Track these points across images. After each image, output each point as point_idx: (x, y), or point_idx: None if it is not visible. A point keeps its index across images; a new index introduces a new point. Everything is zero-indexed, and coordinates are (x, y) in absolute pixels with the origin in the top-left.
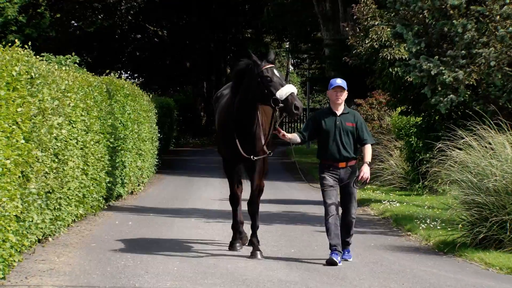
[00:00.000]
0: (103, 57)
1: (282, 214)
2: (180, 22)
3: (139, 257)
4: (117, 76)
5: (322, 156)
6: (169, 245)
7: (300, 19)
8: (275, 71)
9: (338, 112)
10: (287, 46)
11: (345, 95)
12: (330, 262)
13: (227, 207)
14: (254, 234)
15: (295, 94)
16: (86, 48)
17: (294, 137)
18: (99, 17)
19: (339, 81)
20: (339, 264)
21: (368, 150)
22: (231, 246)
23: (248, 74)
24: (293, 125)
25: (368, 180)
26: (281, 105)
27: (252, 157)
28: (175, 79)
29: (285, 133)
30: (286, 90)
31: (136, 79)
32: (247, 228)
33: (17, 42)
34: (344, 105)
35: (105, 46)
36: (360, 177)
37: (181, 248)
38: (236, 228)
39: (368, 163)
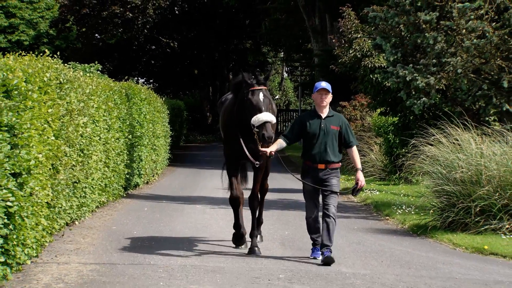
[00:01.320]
0: (122, 65)
1: (277, 201)
2: (189, 35)
3: (153, 238)
4: (135, 81)
5: (305, 157)
6: (179, 228)
7: (292, 32)
8: (260, 95)
9: (323, 115)
10: (281, 55)
11: (329, 97)
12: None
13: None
14: (253, 228)
15: (269, 124)
16: (107, 57)
17: (280, 144)
18: (119, 30)
19: (324, 84)
20: (318, 259)
21: (356, 154)
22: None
23: (241, 89)
24: (287, 124)
25: (364, 186)
26: (256, 130)
27: (256, 163)
28: (184, 84)
29: (271, 150)
30: (260, 119)
31: (151, 84)
32: (247, 226)
33: (48, 52)
34: (329, 108)
35: (124, 56)
36: (359, 186)
37: (190, 231)
38: (238, 228)
39: (360, 169)
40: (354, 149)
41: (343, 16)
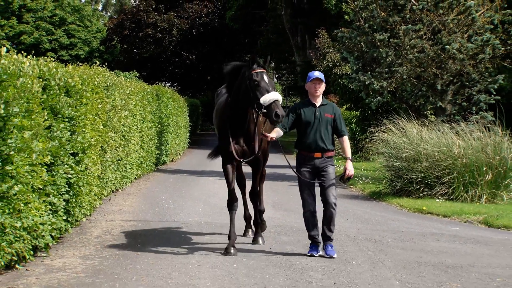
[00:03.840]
0: (154, 73)
1: (269, 174)
2: (203, 50)
3: (177, 201)
4: (163, 85)
5: (300, 146)
6: (197, 194)
7: (281, 48)
8: (265, 76)
9: (317, 104)
10: (272, 65)
11: (323, 87)
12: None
13: None
14: (256, 217)
15: (279, 102)
16: (143, 67)
17: (278, 133)
18: (151, 47)
19: (317, 74)
20: (316, 256)
21: (347, 144)
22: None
23: (240, 75)
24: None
25: (352, 175)
26: (264, 110)
27: (242, 160)
28: (200, 87)
29: (271, 136)
30: (271, 97)
31: (175, 87)
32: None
33: (98, 63)
34: (322, 97)
35: (155, 66)
36: (346, 175)
37: (204, 196)
38: (232, 239)
39: (350, 159)
40: (345, 138)
41: (318, 36)
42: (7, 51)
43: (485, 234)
